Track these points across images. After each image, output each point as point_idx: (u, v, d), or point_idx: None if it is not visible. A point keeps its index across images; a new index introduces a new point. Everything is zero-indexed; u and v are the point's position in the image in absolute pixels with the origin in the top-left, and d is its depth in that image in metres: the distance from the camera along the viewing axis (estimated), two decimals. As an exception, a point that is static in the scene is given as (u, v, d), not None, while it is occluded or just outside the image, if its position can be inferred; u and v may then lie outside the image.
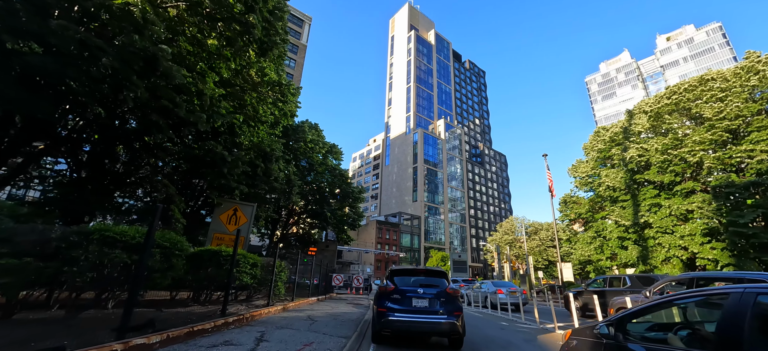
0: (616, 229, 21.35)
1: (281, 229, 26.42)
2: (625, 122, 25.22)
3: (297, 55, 69.40)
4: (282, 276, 11.31)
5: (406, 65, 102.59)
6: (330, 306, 13.57)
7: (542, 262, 58.16)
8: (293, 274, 13.84)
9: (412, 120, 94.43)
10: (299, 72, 68.28)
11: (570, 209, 28.84)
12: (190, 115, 7.66)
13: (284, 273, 11.49)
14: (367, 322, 9.29)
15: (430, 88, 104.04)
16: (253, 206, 12.53)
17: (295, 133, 20.12)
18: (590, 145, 28.76)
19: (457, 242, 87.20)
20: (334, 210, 24.44)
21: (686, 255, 17.07)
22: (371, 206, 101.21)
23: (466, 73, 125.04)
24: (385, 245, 71.25)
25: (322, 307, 12.50)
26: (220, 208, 11.67)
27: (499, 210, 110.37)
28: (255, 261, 9.49)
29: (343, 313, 11.19)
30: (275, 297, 11.47)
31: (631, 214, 19.85)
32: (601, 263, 24.24)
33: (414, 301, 6.42)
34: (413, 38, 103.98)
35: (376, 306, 6.71)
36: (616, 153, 23.13)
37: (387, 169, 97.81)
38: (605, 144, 24.91)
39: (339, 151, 25.69)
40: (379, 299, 6.60)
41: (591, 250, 24.79)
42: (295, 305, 11.74)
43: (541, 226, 66.59)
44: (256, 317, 8.04)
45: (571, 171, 29.82)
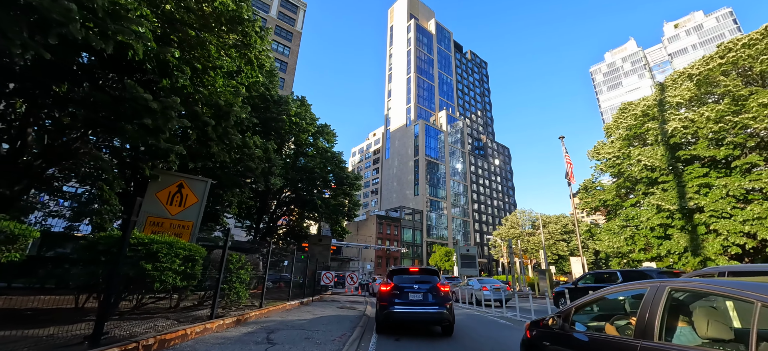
0: (655, 215, 18.18)
1: (268, 221, 23.31)
2: (658, 94, 22.04)
3: (291, 43, 66.12)
4: (242, 274, 8.21)
5: (406, 55, 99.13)
6: (313, 312, 10.47)
7: (552, 257, 55.11)
8: (287, 272, 10.73)
9: (412, 111, 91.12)
10: (294, 60, 64.97)
11: (592, 197, 25.68)
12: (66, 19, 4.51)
13: (245, 270, 8.39)
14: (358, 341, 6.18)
15: (430, 78, 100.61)
16: (206, 182, 9.41)
17: (277, 106, 16.93)
18: (614, 125, 25.55)
19: (460, 237, 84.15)
20: (327, 200, 21.28)
21: (752, 243, 13.97)
22: (372, 202, 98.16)
23: (467, 63, 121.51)
24: (386, 240, 68.22)
25: (299, 316, 9.38)
26: (157, 182, 8.54)
27: (503, 204, 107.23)
28: (191, 252, 6.40)
29: (325, 327, 8.04)
30: (233, 303, 8.38)
31: (674, 197, 16.70)
32: (632, 256, 21.09)
33: (410, 296, 7.69)
34: (413, 27, 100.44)
35: (378, 301, 7.96)
36: (651, 128, 19.94)
37: (387, 163, 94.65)
38: (636, 119, 21.70)
39: (331, 132, 22.50)
40: (381, 296, 7.82)
41: (620, 242, 21.64)
42: (259, 314, 8.64)
43: (548, 219, 63.49)
44: (171, 344, 4.93)
45: (592, 154, 26.62)
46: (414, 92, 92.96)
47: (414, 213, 76.23)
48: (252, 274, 9.12)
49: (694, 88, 18.59)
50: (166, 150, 7.62)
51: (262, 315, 8.64)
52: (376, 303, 8.19)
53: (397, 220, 71.51)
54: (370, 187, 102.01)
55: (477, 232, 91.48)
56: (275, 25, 63.40)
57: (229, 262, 7.88)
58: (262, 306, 9.24)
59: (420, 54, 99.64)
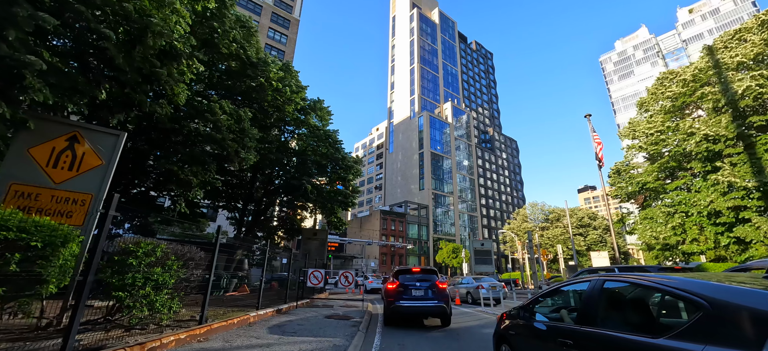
0: (721, 197, 14.81)
1: (255, 211, 20.27)
2: (706, 60, 18.60)
3: (289, 30, 63.14)
4: (158, 274, 5.13)
5: (409, 46, 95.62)
6: (285, 328, 7.39)
7: (568, 252, 51.58)
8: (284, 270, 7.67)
9: (416, 103, 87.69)
10: (291, 49, 61.92)
11: (627, 181, 22.28)
12: None
13: (167, 268, 5.30)
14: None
15: (435, 69, 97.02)
16: (117, 136, 6.32)
17: (253, 69, 13.82)
18: (652, 97, 22.09)
19: (467, 232, 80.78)
20: (320, 186, 18.15)
21: None
22: (375, 197, 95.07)
23: (472, 54, 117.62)
24: (391, 236, 65.08)
25: (256, 338, 6.29)
26: (32, 133, 5.46)
27: (512, 198, 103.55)
28: (52, 235, 3.36)
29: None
30: (144, 322, 5.31)
31: (748, 171, 13.32)
32: (683, 248, 17.74)
33: (413, 292, 8.86)
34: (416, 16, 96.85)
35: (385, 297, 9.31)
36: (709, 93, 16.54)
37: (391, 157, 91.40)
38: (685, 86, 18.27)
39: (325, 109, 19.34)
40: (388, 293, 9.09)
41: (666, 232, 18.27)
42: (189, 337, 5.53)
43: (563, 213, 59.89)
44: None
45: (625, 132, 23.20)
46: (418, 83, 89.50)
47: (419, 208, 73.01)
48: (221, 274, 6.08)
49: (762, 43, 15.18)
50: (23, 66, 4.52)
51: (191, 339, 5.53)
52: (384, 299, 9.66)
53: (402, 216, 68.34)
54: (373, 182, 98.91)
55: (485, 228, 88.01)
56: (272, 12, 60.38)
57: (128, 252, 4.81)
58: (203, 321, 6.13)
59: (423, 44, 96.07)
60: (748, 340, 1.72)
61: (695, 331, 1.96)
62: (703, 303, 2.02)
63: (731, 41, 19.04)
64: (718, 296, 2.00)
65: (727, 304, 1.93)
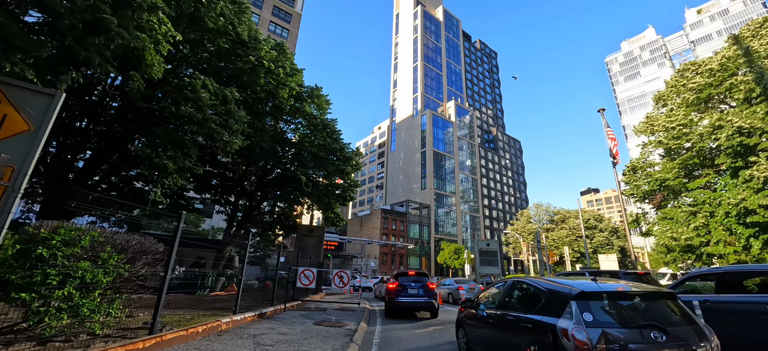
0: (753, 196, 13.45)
1: (246, 206, 19.05)
2: (734, 48, 17.25)
3: (290, 25, 61.97)
4: (85, 271, 3.88)
5: (413, 43, 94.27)
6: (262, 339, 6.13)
7: (573, 254, 50.12)
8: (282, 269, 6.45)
9: (419, 101, 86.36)
10: (293, 43, 60.73)
11: (643, 179, 20.91)
12: None
13: (99, 267, 4.05)
14: None
15: (438, 67, 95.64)
16: (51, 96, 5.03)
17: (243, 47, 12.58)
18: (672, 90, 20.68)
19: (469, 233, 79.36)
20: (316, 180, 16.89)
21: None
22: (377, 197, 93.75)
23: (476, 53, 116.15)
24: (392, 236, 63.76)
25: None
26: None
27: (515, 199, 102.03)
28: None
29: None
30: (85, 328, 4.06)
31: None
32: (707, 250, 16.38)
33: (409, 290, 11.11)
34: (420, 14, 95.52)
35: (386, 294, 11.60)
36: (742, 81, 15.18)
37: (393, 156, 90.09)
38: (712, 75, 16.89)
39: (323, 97, 18.07)
40: (389, 291, 11.39)
41: (688, 232, 16.92)
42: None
43: (568, 214, 58.41)
44: None
45: (642, 128, 21.80)
46: (421, 81, 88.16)
47: (421, 208, 71.65)
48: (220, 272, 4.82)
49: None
50: None
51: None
52: (385, 296, 12.09)
53: (403, 215, 67.02)
54: (375, 181, 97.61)
55: (487, 229, 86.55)
56: (273, 5, 59.26)
57: (37, 241, 3.56)
58: (154, 330, 4.86)
59: (427, 42, 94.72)
60: (560, 308, 3.50)
61: (543, 307, 3.81)
62: (545, 292, 3.96)
63: (760, 30, 17.68)
64: (550, 288, 3.94)
65: (552, 292, 3.84)
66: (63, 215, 10.56)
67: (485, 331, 4.97)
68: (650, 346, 3.03)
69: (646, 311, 3.43)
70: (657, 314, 3.37)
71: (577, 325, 3.19)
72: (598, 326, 3.14)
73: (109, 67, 6.42)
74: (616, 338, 3.05)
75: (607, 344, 3.02)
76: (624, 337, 3.07)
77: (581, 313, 3.27)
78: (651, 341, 3.06)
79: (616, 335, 3.08)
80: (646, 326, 3.17)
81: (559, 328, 3.29)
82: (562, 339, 3.22)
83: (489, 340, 4.79)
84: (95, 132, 12.13)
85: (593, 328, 3.13)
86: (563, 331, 3.24)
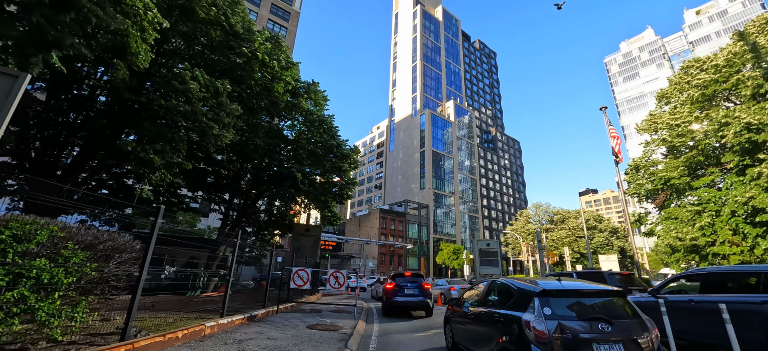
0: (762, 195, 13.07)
1: (241, 204, 18.58)
2: (740, 44, 16.90)
3: (289, 23, 61.48)
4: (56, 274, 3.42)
5: (412, 43, 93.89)
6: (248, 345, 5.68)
7: (573, 255, 49.77)
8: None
9: (418, 101, 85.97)
10: (291, 42, 60.21)
11: (646, 178, 20.54)
12: None
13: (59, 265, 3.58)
14: None
15: (438, 67, 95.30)
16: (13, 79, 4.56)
17: (236, 39, 12.13)
18: (676, 87, 20.32)
19: (468, 233, 78.99)
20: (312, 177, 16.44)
21: None
22: (375, 197, 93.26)
23: (476, 53, 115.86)
24: (390, 236, 63.30)
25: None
26: None
27: (514, 200, 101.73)
28: None
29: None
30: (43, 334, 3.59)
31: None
32: (713, 250, 16.00)
33: (405, 290, 11.74)
34: (419, 13, 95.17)
35: (384, 294, 12.35)
36: (749, 77, 14.79)
37: (391, 156, 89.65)
38: (717, 71, 16.53)
39: (320, 93, 17.62)
40: (387, 291, 12.13)
41: (694, 232, 16.54)
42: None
43: (568, 214, 58.07)
44: None
45: (644, 126, 21.44)
46: (420, 81, 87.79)
47: (420, 208, 71.22)
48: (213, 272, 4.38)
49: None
50: None
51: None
52: (382, 296, 12.89)
53: (401, 215, 66.57)
54: (373, 182, 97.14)
55: (486, 229, 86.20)
56: (271, 3, 58.80)
57: None
58: (126, 336, 4.40)
59: (426, 41, 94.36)
60: (526, 304, 4.04)
61: (514, 302, 4.34)
62: (516, 290, 4.50)
63: (766, 26, 17.33)
64: (519, 287, 4.50)
65: (521, 290, 4.38)
66: (48, 213, 10.08)
67: (468, 327, 5.54)
68: (598, 335, 3.58)
69: (597, 307, 4.00)
70: (606, 309, 3.94)
71: (537, 317, 3.75)
72: (555, 319, 3.69)
73: (84, 49, 5.95)
74: (570, 328, 3.61)
75: (561, 333, 3.57)
76: (576, 327, 3.65)
77: (542, 307, 3.82)
78: (599, 331, 3.61)
79: (570, 326, 3.64)
80: (596, 319, 3.72)
81: (523, 321, 3.87)
82: (525, 330, 3.78)
83: (471, 334, 5.40)
84: (82, 126, 11.65)
85: (551, 320, 3.68)
86: (526, 323, 3.82)
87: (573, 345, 3.53)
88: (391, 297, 11.70)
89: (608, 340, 3.55)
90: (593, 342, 3.52)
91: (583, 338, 3.54)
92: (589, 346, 3.51)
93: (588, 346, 3.50)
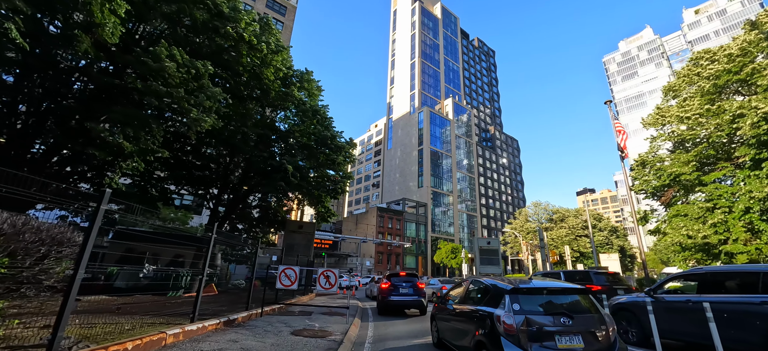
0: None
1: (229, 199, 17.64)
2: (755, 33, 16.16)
3: (285, 17, 60.41)
4: None
5: (410, 40, 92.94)
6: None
7: (573, 254, 49.12)
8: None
9: (416, 98, 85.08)
10: (287, 37, 59.13)
11: (653, 174, 19.77)
12: None
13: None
14: None
15: (436, 64, 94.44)
16: None
17: (221, 19, 11.18)
18: (684, 81, 19.57)
19: (466, 232, 78.28)
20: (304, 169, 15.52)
21: None
22: (373, 195, 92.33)
23: (474, 51, 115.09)
24: (388, 235, 62.43)
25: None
26: None
27: (512, 199, 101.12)
28: None
29: None
30: None
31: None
32: (726, 249, 15.25)
33: (400, 290, 12.04)
34: (418, 10, 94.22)
35: (379, 293, 12.50)
36: (767, 66, 14.04)
37: (389, 154, 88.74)
38: (731, 61, 15.76)
39: (314, 82, 16.72)
40: (382, 290, 12.24)
41: (705, 230, 15.78)
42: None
43: (568, 213, 57.41)
44: None
45: (651, 119, 20.69)
46: (418, 78, 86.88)
47: (418, 206, 70.38)
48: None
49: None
50: None
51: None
52: (378, 295, 12.91)
53: (399, 213, 65.70)
54: (371, 180, 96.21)
55: (485, 228, 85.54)
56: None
57: None
58: (54, 347, 3.48)
59: (425, 38, 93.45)
60: (498, 300, 4.39)
61: (489, 299, 4.65)
62: (491, 288, 4.83)
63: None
64: (494, 285, 4.85)
65: (496, 287, 4.71)
66: (16, 206, 9.12)
67: (451, 323, 5.84)
68: (560, 328, 3.95)
69: (562, 303, 4.37)
70: (570, 305, 4.34)
71: (507, 313, 4.11)
72: (523, 313, 4.04)
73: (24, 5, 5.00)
74: (535, 322, 3.98)
75: (527, 326, 3.93)
76: (541, 321, 4.00)
77: (511, 304, 4.18)
78: (561, 325, 3.97)
79: (536, 320, 4.00)
80: (560, 314, 4.09)
81: (495, 315, 4.23)
82: (496, 323, 4.13)
83: (453, 329, 5.73)
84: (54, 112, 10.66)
85: (519, 315, 4.03)
86: (497, 317, 4.17)
87: (538, 337, 3.92)
88: (386, 296, 11.91)
89: (569, 333, 3.95)
90: (556, 334, 3.93)
91: (547, 331, 3.94)
92: (552, 337, 3.91)
93: (551, 338, 3.91)
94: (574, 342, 3.89)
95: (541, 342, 3.87)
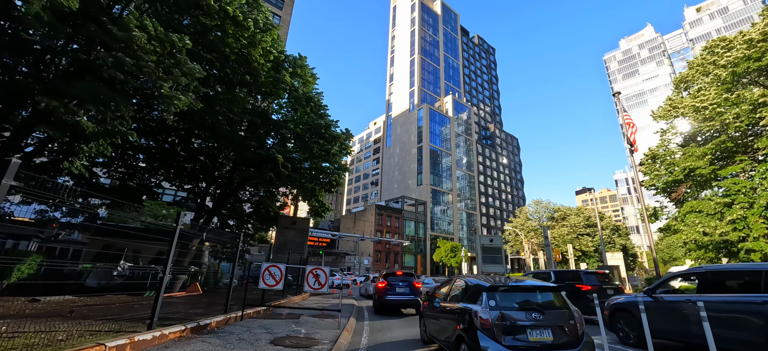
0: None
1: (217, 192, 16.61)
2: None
3: (282, 11, 59.10)
4: None
5: (410, 36, 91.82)
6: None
7: (575, 253, 48.23)
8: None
9: (416, 95, 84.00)
10: (285, 31, 57.86)
11: (665, 168, 18.83)
12: None
13: None
14: None
15: (436, 61, 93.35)
16: None
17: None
18: (698, 71, 18.59)
19: (466, 230, 77.39)
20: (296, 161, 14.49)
21: None
22: (372, 193, 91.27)
23: (474, 48, 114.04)
24: (386, 233, 61.45)
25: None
26: None
27: (512, 197, 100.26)
28: None
29: None
30: None
31: None
32: (746, 246, 14.31)
33: (396, 289, 12.12)
34: (417, 7, 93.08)
35: (376, 293, 12.71)
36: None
37: (388, 151, 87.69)
38: (751, 47, 14.81)
39: (307, 68, 15.72)
40: (378, 289, 12.38)
41: (723, 226, 14.84)
42: None
43: (569, 211, 56.52)
44: None
45: (662, 113, 19.72)
46: (418, 75, 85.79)
47: (417, 204, 69.38)
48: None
49: None
50: None
51: None
52: (374, 294, 13.15)
53: (398, 212, 64.71)
54: (369, 178, 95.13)
55: (484, 227, 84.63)
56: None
57: None
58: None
59: (425, 35, 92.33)
60: (477, 297, 4.74)
61: (470, 296, 4.99)
62: (472, 286, 5.12)
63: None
64: (475, 283, 5.12)
65: (476, 285, 5.01)
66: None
67: (437, 319, 6.00)
68: (532, 322, 4.35)
69: (536, 300, 4.75)
70: (542, 302, 4.72)
71: (483, 308, 4.50)
72: (498, 309, 4.46)
73: None
74: (509, 317, 4.37)
75: (502, 321, 4.33)
76: (515, 316, 4.40)
77: (488, 300, 4.57)
78: (532, 319, 4.37)
79: (509, 315, 4.40)
80: (532, 309, 4.52)
81: (473, 311, 4.61)
82: (474, 318, 4.51)
83: (438, 325, 5.90)
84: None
85: (494, 311, 4.43)
86: (475, 313, 4.55)
87: (511, 330, 4.25)
88: (383, 295, 11.98)
89: (540, 327, 4.27)
90: (528, 328, 4.26)
91: (519, 325, 4.28)
92: (524, 331, 4.24)
93: (523, 332, 4.24)
94: (544, 335, 4.22)
95: (514, 335, 4.21)
